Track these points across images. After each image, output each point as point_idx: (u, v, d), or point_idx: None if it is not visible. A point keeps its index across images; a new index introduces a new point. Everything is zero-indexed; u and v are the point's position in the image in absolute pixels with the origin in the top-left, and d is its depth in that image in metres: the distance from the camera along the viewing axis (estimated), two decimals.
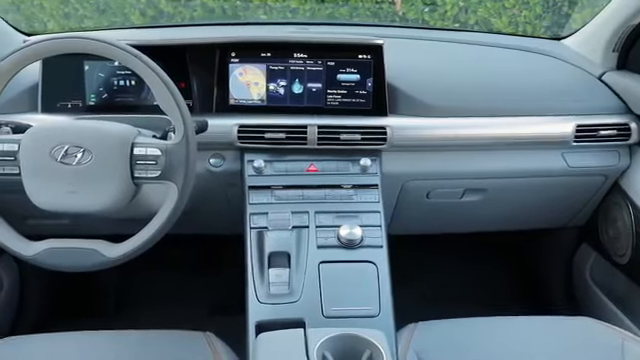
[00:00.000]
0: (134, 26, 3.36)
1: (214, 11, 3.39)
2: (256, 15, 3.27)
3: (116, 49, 0.94)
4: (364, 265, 1.10)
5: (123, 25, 3.80)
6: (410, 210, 1.40)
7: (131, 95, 1.28)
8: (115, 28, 2.37)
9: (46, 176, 0.94)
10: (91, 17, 4.01)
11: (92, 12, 4.01)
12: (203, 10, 3.47)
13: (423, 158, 1.31)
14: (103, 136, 0.96)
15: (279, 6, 3.21)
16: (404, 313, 1.10)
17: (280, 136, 1.23)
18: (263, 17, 3.23)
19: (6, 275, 1.51)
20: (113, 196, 0.96)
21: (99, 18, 3.98)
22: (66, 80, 1.26)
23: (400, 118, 1.28)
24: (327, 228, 1.15)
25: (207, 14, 3.43)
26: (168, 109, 0.96)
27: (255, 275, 1.09)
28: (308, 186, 1.22)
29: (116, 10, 3.91)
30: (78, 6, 4.03)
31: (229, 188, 1.30)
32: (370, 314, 1.04)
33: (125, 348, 1.02)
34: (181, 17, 3.63)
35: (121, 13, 3.89)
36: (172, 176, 0.95)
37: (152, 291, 1.86)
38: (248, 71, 1.26)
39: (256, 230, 1.15)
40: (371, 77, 1.26)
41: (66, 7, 4.07)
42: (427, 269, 1.88)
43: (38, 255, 0.97)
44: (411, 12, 2.99)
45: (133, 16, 3.78)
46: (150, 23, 3.69)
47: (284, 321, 1.01)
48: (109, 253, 0.97)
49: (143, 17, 3.74)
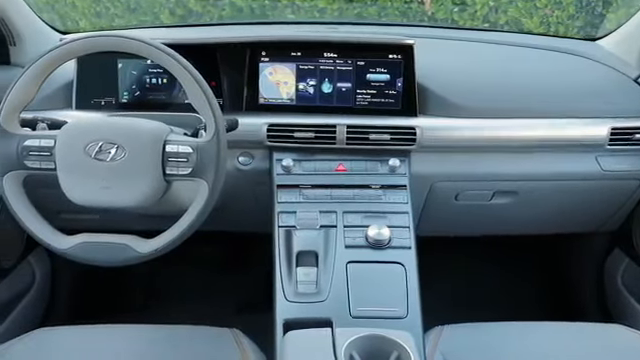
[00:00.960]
0: (164, 25, 3.41)
1: (242, 10, 3.41)
2: (284, 14, 3.28)
3: (150, 48, 0.95)
4: (392, 266, 1.10)
5: (153, 24, 3.86)
6: (438, 212, 1.39)
7: (162, 93, 1.30)
8: (145, 27, 2.40)
9: (80, 172, 0.96)
10: (122, 16, 4.07)
11: (123, 11, 4.07)
12: (231, 9, 3.49)
13: (452, 159, 1.30)
14: (136, 133, 0.97)
15: (307, 5, 3.21)
16: (429, 315, 1.09)
17: (309, 135, 1.23)
18: (291, 16, 3.24)
19: (39, 268, 1.55)
20: (145, 192, 0.97)
21: (129, 17, 4.04)
22: (100, 78, 1.28)
23: (430, 119, 1.27)
24: (355, 228, 1.15)
25: (235, 13, 3.45)
26: (200, 107, 0.97)
27: (283, 273, 1.09)
28: (336, 186, 1.22)
29: (146, 9, 3.97)
30: (109, 5, 4.10)
31: (257, 186, 1.31)
32: (398, 315, 1.03)
33: (153, 342, 1.04)
34: (209, 16, 3.66)
35: (151, 12, 3.95)
36: (203, 173, 0.96)
37: (179, 287, 1.88)
38: (278, 70, 1.27)
39: (284, 229, 1.15)
40: (401, 77, 1.26)
41: (97, 6, 4.14)
42: (452, 271, 1.86)
43: (72, 249, 0.99)
44: (440, 12, 2.95)
45: (162, 15, 3.83)
46: (179, 22, 3.74)
47: (311, 320, 1.01)
48: (140, 248, 0.98)
49: (172, 16, 3.79)
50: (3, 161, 0.97)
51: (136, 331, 1.06)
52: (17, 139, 0.97)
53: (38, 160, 0.97)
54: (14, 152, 0.97)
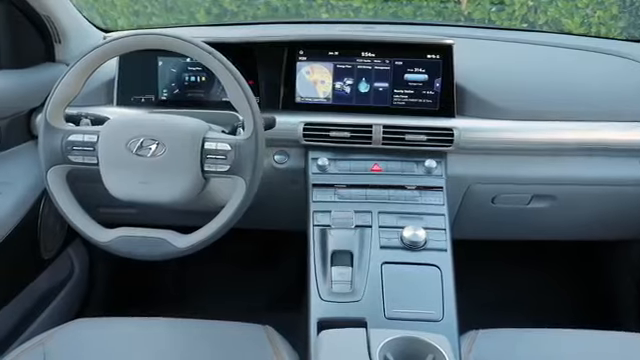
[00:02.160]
0: (199, 24, 3.45)
1: (277, 9, 3.43)
2: (318, 14, 3.29)
3: (192, 46, 0.96)
4: (427, 268, 1.09)
5: (189, 23, 3.92)
6: (474, 214, 1.37)
7: (201, 91, 1.32)
8: (182, 26, 2.44)
9: (122, 167, 0.98)
10: (159, 15, 4.15)
11: (160, 10, 4.15)
12: (266, 8, 3.52)
13: (490, 161, 1.28)
14: (176, 130, 0.98)
15: (341, 5, 3.20)
16: (462, 319, 1.08)
17: (345, 135, 1.23)
18: (325, 16, 3.24)
19: (77, 260, 1.59)
20: (183, 188, 0.99)
21: (166, 16, 4.11)
22: (140, 75, 1.31)
23: (467, 120, 1.25)
24: (390, 229, 1.14)
25: (270, 12, 3.48)
26: (239, 105, 0.98)
27: (318, 272, 1.09)
28: (372, 186, 1.22)
29: (183, 8, 4.04)
30: (147, 4, 4.18)
31: (292, 185, 1.32)
32: (433, 318, 1.02)
33: (186, 335, 1.05)
34: (245, 15, 3.69)
35: (187, 11, 4.01)
36: (240, 171, 0.97)
37: (210, 282, 1.91)
38: (315, 69, 1.27)
39: (319, 228, 1.15)
40: (439, 77, 1.24)
41: (136, 5, 4.23)
42: (485, 275, 1.83)
43: (111, 242, 1.01)
44: (477, 12, 2.91)
45: (198, 14, 3.89)
46: (214, 21, 3.79)
47: (346, 320, 1.01)
48: (178, 243, 1.00)
49: (208, 15, 3.84)
50: (48, 155, 1.00)
51: (170, 325, 1.07)
52: (62, 134, 1.00)
53: (81, 155, 0.99)
54: (59, 147, 0.99)
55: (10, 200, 1.20)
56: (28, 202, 1.25)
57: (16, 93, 1.27)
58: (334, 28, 1.80)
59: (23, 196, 1.24)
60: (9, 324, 1.31)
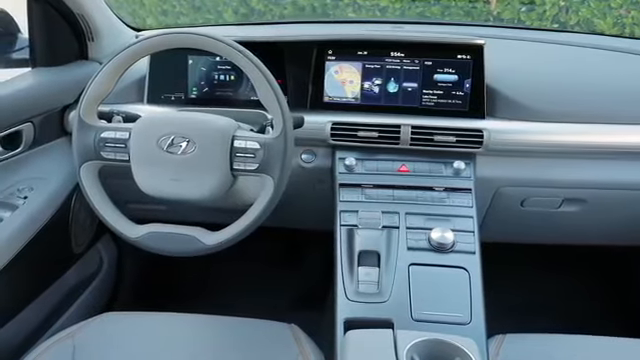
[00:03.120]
0: (227, 23, 3.49)
1: (304, 9, 3.45)
2: (345, 13, 3.29)
3: (223, 45, 0.97)
4: (455, 271, 1.08)
5: (216, 22, 3.97)
6: (503, 217, 1.35)
7: (230, 89, 1.33)
8: (209, 25, 2.46)
9: (152, 164, 0.99)
10: (187, 14, 4.21)
11: (188, 9, 4.21)
12: (293, 8, 3.54)
13: (520, 164, 1.26)
14: (207, 128, 0.99)
15: (368, 4, 3.20)
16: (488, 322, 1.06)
17: (373, 135, 1.22)
18: (352, 15, 3.25)
19: (106, 255, 1.62)
20: (212, 186, 0.99)
21: (194, 15, 4.16)
22: (171, 74, 1.33)
23: (498, 121, 1.23)
24: (418, 230, 1.13)
25: (297, 12, 3.50)
26: (269, 104, 0.98)
27: (344, 272, 1.09)
28: (399, 186, 1.21)
29: (210, 7, 4.09)
30: (175, 3, 4.24)
31: (318, 184, 1.32)
32: (461, 321, 1.01)
33: (213, 332, 1.06)
34: (271, 15, 3.72)
35: (215, 11, 4.05)
36: (269, 169, 0.97)
37: (235, 280, 1.92)
38: (344, 69, 1.27)
39: (346, 228, 1.15)
40: (469, 78, 1.23)
41: (164, 4, 4.30)
42: (511, 278, 1.81)
43: (141, 238, 1.02)
44: (507, 12, 2.88)
45: (226, 13, 3.93)
46: (242, 20, 3.82)
47: (372, 320, 1.00)
48: (206, 240, 1.00)
49: (235, 15, 3.88)
50: (81, 151, 1.02)
51: (197, 320, 1.08)
52: (95, 131, 1.01)
53: (113, 151, 1.01)
54: (91, 143, 1.01)
55: (43, 195, 1.22)
56: (60, 197, 1.28)
57: (50, 90, 1.30)
58: (362, 28, 1.80)
59: (56, 191, 1.27)
60: (40, 316, 1.34)
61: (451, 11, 3.01)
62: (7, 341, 1.22)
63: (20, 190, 1.20)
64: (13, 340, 1.25)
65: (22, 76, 1.29)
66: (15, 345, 1.25)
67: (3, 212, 1.13)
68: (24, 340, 1.28)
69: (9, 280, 1.12)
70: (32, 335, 1.30)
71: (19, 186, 1.20)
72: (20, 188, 1.20)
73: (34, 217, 1.19)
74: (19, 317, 1.23)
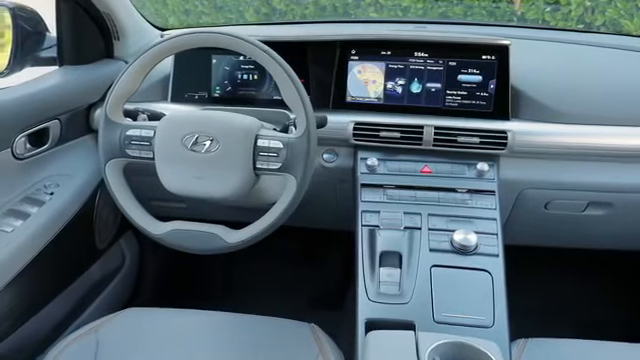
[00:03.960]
0: (248, 23, 3.51)
1: (325, 9, 3.45)
2: (367, 13, 3.28)
3: (248, 44, 0.97)
4: (478, 273, 1.07)
5: (238, 22, 3.99)
6: (526, 220, 1.33)
7: (252, 89, 1.33)
8: (231, 25, 2.47)
9: (176, 161, 1.00)
10: (209, 13, 4.24)
11: (210, 9, 4.24)
12: (315, 8, 3.54)
13: (544, 166, 1.24)
14: (231, 127, 0.99)
15: (390, 4, 3.19)
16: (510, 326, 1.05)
17: (395, 135, 1.22)
18: (374, 15, 3.23)
19: (128, 251, 1.64)
20: (235, 184, 1.00)
21: (216, 15, 4.19)
22: (195, 73, 1.34)
23: (522, 123, 1.22)
24: (440, 232, 1.12)
25: (318, 12, 3.50)
26: (292, 104, 0.98)
27: (366, 272, 1.08)
28: (421, 187, 1.20)
29: (232, 7, 4.11)
30: (197, 3, 4.28)
31: (340, 184, 1.32)
32: (483, 324, 1.00)
33: (234, 329, 1.06)
34: (292, 14, 3.73)
35: (236, 10, 4.08)
36: (292, 169, 0.97)
37: (254, 279, 1.93)
38: (367, 69, 1.27)
39: (368, 228, 1.15)
40: (494, 79, 1.22)
41: (187, 4, 4.34)
42: (534, 282, 1.79)
43: (164, 235, 1.03)
44: (531, 12, 2.84)
45: (247, 13, 3.95)
46: (263, 20, 3.84)
47: (394, 321, 1.00)
48: (228, 238, 1.01)
49: (257, 14, 3.90)
50: (107, 149, 1.03)
51: (218, 318, 1.09)
52: (120, 128, 1.02)
53: (138, 149, 1.02)
54: (117, 141, 1.02)
55: (69, 191, 1.24)
56: (85, 194, 1.30)
57: (77, 88, 1.32)
58: (384, 28, 1.79)
59: (81, 188, 1.29)
60: (64, 310, 1.36)
61: (474, 11, 2.98)
62: (32, 334, 1.24)
63: (47, 186, 1.22)
64: (38, 333, 1.27)
65: (50, 74, 1.31)
66: (40, 338, 1.27)
67: (30, 207, 1.16)
68: (49, 333, 1.30)
69: (35, 274, 1.14)
70: (56, 329, 1.33)
71: (46, 182, 1.23)
72: (47, 184, 1.22)
73: (60, 213, 1.21)
74: (44, 311, 1.25)
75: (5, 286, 1.06)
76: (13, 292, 1.09)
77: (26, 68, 1.30)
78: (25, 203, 1.17)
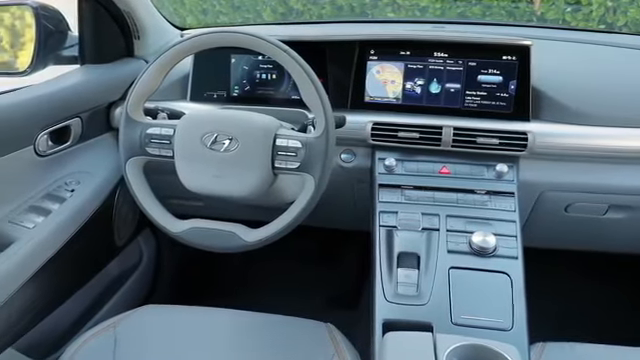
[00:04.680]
0: (266, 22, 3.52)
1: (342, 9, 3.44)
2: (384, 13, 3.27)
3: (268, 44, 0.97)
4: (497, 275, 1.06)
5: (255, 21, 4.00)
6: (545, 223, 1.32)
7: (271, 88, 1.34)
8: (248, 24, 2.48)
9: (195, 160, 1.00)
10: (226, 13, 4.26)
11: (227, 8, 4.26)
12: (332, 7, 3.54)
13: (565, 168, 1.23)
14: (250, 126, 1.00)
15: (408, 4, 3.17)
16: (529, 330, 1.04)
17: (414, 136, 1.21)
18: (391, 15, 3.22)
19: (146, 248, 1.65)
20: (253, 183, 1.00)
21: (233, 14, 4.21)
22: (214, 72, 1.34)
23: (543, 124, 1.20)
24: (458, 233, 1.12)
25: (335, 11, 3.49)
26: (312, 104, 0.98)
27: (383, 273, 1.08)
28: (439, 188, 1.19)
29: (249, 7, 4.13)
30: (215, 2, 4.30)
31: (357, 184, 1.31)
32: (502, 327, 0.99)
33: (251, 328, 1.07)
34: (309, 14, 3.73)
35: (253, 10, 4.09)
36: (310, 168, 0.97)
37: (270, 278, 1.93)
38: (386, 69, 1.26)
39: (385, 228, 1.14)
40: (515, 79, 1.21)
41: (204, 3, 4.36)
42: (550, 285, 1.76)
43: (183, 233, 1.03)
44: (551, 12, 2.80)
45: (265, 13, 3.97)
46: (280, 20, 3.85)
47: (411, 323, 0.99)
48: (246, 237, 1.01)
49: (274, 14, 3.91)
50: (128, 147, 1.04)
51: (236, 316, 1.10)
52: (141, 127, 1.03)
53: (158, 147, 1.03)
54: (137, 139, 1.03)
55: (89, 189, 1.26)
56: (105, 191, 1.31)
57: (98, 87, 1.33)
58: (402, 28, 1.78)
59: (101, 185, 1.30)
60: (82, 307, 1.38)
61: (493, 11, 2.96)
62: (52, 329, 1.26)
63: (68, 183, 1.23)
64: (57, 328, 1.29)
65: (71, 73, 1.33)
66: (59, 333, 1.29)
67: (52, 204, 1.17)
68: (67, 329, 1.32)
69: (55, 270, 1.16)
70: (75, 324, 1.34)
71: (67, 179, 1.24)
72: (68, 181, 1.24)
73: (80, 210, 1.22)
74: (63, 306, 1.26)
75: (27, 281, 1.08)
76: (34, 287, 1.10)
77: (48, 67, 1.32)
78: (46, 199, 1.18)
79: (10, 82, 1.25)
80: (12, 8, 1.36)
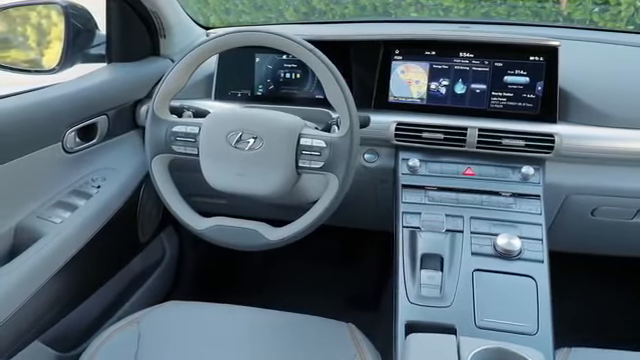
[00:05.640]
0: (288, 22, 3.52)
1: (365, 8, 3.43)
2: (407, 13, 3.25)
3: (294, 43, 0.97)
4: (522, 279, 1.04)
5: (277, 21, 4.02)
6: (570, 226, 1.30)
7: (295, 87, 1.34)
8: (270, 24, 2.49)
9: (220, 158, 1.01)
10: (249, 13, 4.28)
11: (250, 8, 4.28)
12: (354, 7, 3.53)
13: (592, 171, 1.20)
14: (274, 125, 1.00)
15: (431, 4, 3.15)
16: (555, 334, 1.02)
17: (438, 136, 1.20)
18: (414, 15, 3.20)
19: (169, 245, 1.67)
20: (277, 182, 1.00)
21: (256, 14, 4.23)
22: (238, 71, 1.35)
23: (570, 126, 1.18)
24: (483, 235, 1.10)
25: (358, 11, 3.48)
26: (336, 103, 0.98)
27: (406, 274, 1.07)
28: (464, 190, 1.18)
29: (272, 6, 4.14)
30: (238, 2, 4.33)
31: (380, 184, 1.31)
32: (527, 331, 0.98)
33: (272, 326, 1.07)
34: (332, 14, 3.73)
35: (276, 9, 4.10)
36: (334, 168, 0.97)
37: (290, 277, 1.94)
38: (410, 69, 1.25)
39: (409, 229, 1.13)
40: (542, 80, 1.19)
41: (227, 3, 4.39)
42: (573, 289, 1.74)
43: (207, 230, 1.04)
44: (577, 12, 2.76)
45: (287, 12, 3.97)
46: (302, 19, 3.85)
47: (434, 325, 0.98)
48: (269, 236, 1.01)
49: (296, 13, 3.91)
50: (153, 144, 1.05)
51: (257, 314, 1.10)
52: (167, 125, 1.04)
53: (183, 145, 1.03)
54: (163, 137, 1.04)
55: (115, 185, 1.28)
56: (130, 188, 1.33)
57: (125, 85, 1.35)
58: (427, 27, 1.77)
59: (126, 182, 1.32)
60: (106, 302, 1.40)
61: (518, 11, 2.91)
62: (76, 323, 1.28)
63: (94, 180, 1.25)
64: (82, 322, 1.31)
65: (98, 71, 1.35)
66: (83, 327, 1.31)
67: (78, 200, 1.19)
68: (91, 323, 1.34)
69: (81, 265, 1.17)
70: (98, 319, 1.36)
71: (93, 176, 1.26)
72: (94, 178, 1.26)
73: (106, 206, 1.24)
74: (88, 301, 1.28)
75: (53, 275, 1.10)
76: (60, 281, 1.12)
77: (76, 65, 1.35)
78: (73, 195, 1.20)
79: (36, 80, 1.27)
80: (39, 7, 1.39)
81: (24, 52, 1.40)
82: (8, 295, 1.00)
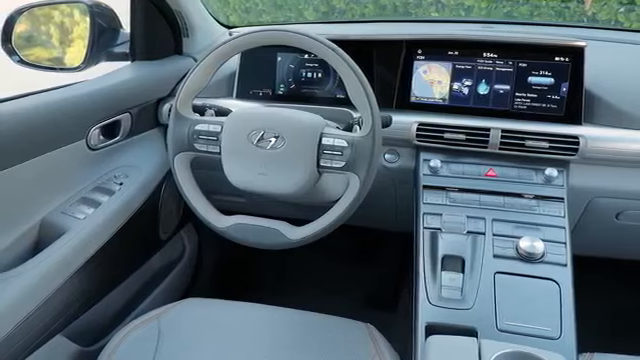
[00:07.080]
0: (308, 21, 3.53)
1: (385, 8, 3.42)
2: (427, 12, 3.23)
3: (317, 43, 0.97)
4: (545, 282, 1.03)
5: (297, 20, 4.02)
6: (595, 230, 1.28)
7: (316, 87, 1.34)
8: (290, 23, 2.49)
9: (242, 157, 1.01)
10: (269, 12, 4.30)
11: (270, 7, 4.30)
12: (374, 6, 3.52)
13: (617, 174, 1.18)
14: (296, 124, 1.00)
15: (452, 4, 3.12)
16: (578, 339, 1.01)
17: (460, 137, 1.19)
18: (435, 14, 3.18)
19: (188, 242, 1.68)
20: (297, 181, 1.00)
21: (276, 13, 4.25)
22: (260, 70, 1.36)
23: (596, 128, 1.17)
24: (505, 238, 1.09)
25: (378, 10, 3.47)
26: (359, 103, 0.98)
27: (427, 276, 1.07)
28: (486, 191, 1.17)
29: (291, 6, 4.15)
30: (258, 1, 4.34)
31: (400, 185, 1.30)
32: (549, 335, 0.96)
33: (291, 324, 1.07)
34: (352, 13, 3.72)
35: (295, 9, 4.11)
36: (355, 168, 0.97)
37: (309, 276, 1.94)
38: (433, 69, 1.25)
39: (429, 230, 1.13)
40: (567, 81, 1.17)
41: (247, 2, 4.41)
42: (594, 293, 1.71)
43: (228, 228, 1.05)
44: (602, 12, 2.71)
45: (307, 12, 3.98)
46: (322, 19, 3.85)
47: (455, 327, 0.98)
48: (290, 235, 1.01)
49: (316, 13, 3.91)
50: (176, 142, 1.05)
51: (276, 312, 1.10)
52: (189, 123, 1.05)
53: (206, 143, 1.04)
54: (186, 135, 1.05)
55: (137, 182, 1.29)
56: (152, 185, 1.34)
57: (148, 83, 1.36)
58: (448, 27, 1.76)
59: (148, 179, 1.33)
60: (126, 298, 1.41)
61: (541, 11, 2.87)
62: (98, 318, 1.30)
63: (117, 177, 1.27)
64: (103, 317, 1.32)
65: (122, 69, 1.36)
66: (104, 322, 1.33)
67: (101, 196, 1.21)
68: (112, 318, 1.35)
69: (103, 261, 1.19)
70: (119, 314, 1.38)
71: (116, 173, 1.28)
72: (117, 175, 1.27)
73: (128, 203, 1.25)
74: (109, 296, 1.30)
75: (76, 270, 1.11)
76: (83, 276, 1.14)
77: (100, 63, 1.36)
78: (97, 192, 1.22)
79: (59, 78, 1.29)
80: (62, 6, 1.41)
81: (47, 50, 1.42)
82: (33, 289, 1.02)
